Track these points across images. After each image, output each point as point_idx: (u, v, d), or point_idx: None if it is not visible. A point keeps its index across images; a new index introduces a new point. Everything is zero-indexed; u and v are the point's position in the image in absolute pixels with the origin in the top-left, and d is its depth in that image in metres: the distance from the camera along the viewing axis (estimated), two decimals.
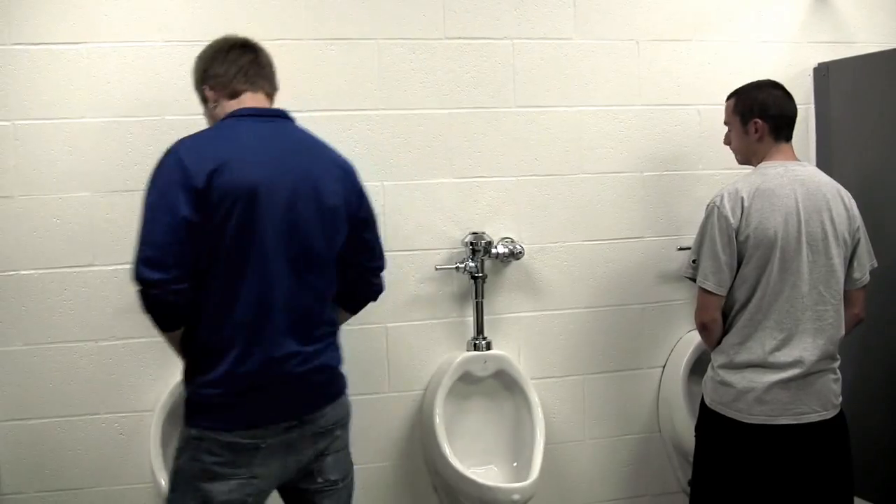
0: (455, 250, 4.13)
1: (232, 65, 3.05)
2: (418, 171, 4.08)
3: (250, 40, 3.15)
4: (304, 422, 2.91)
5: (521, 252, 4.14)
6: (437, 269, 4.10)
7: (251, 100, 3.04)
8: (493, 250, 4.11)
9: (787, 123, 3.56)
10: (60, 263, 3.71)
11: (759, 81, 3.63)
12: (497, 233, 4.16)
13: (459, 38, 4.10)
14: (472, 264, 4.07)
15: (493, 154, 4.16)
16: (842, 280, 3.48)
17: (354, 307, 3.30)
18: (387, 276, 4.00)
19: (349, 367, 3.97)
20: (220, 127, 2.97)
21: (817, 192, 3.46)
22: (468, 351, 4.12)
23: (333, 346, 3.06)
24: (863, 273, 3.57)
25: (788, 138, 3.58)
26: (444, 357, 4.14)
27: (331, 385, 3.03)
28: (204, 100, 3.12)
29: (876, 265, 3.62)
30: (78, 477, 3.83)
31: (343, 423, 3.08)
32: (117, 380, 3.79)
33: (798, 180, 3.47)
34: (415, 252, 4.09)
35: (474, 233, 4.12)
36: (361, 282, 3.21)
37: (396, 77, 4.04)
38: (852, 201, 3.55)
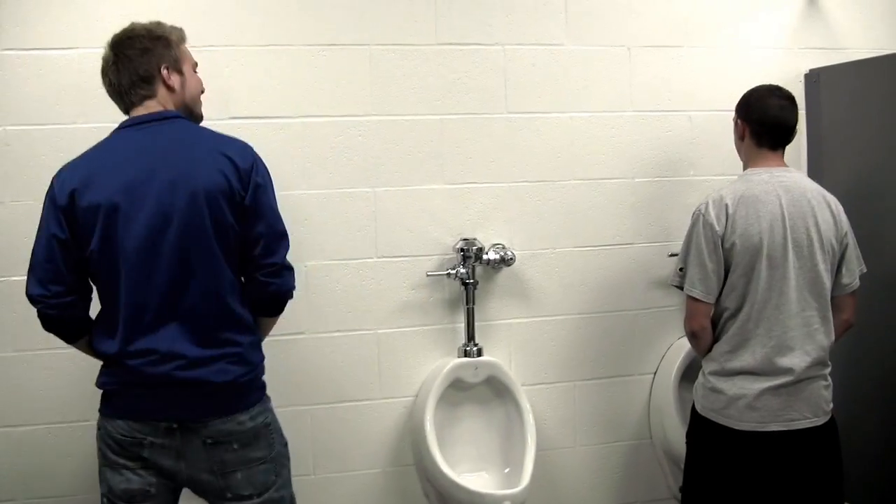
0: (446, 256, 4.13)
1: (112, 84, 3.06)
2: (409, 177, 4.08)
3: (119, 46, 3.06)
4: (187, 428, 2.92)
5: (512, 258, 4.14)
6: (428, 275, 4.09)
7: (140, 109, 3.04)
8: (485, 256, 4.11)
9: (770, 131, 3.54)
10: None
11: (766, 86, 3.61)
12: (488, 239, 4.16)
13: (451, 43, 4.10)
14: (463, 270, 4.06)
15: (485, 160, 4.16)
16: (828, 286, 3.48)
17: (260, 309, 3.11)
18: (378, 282, 4.05)
19: (340, 374, 4.03)
20: (100, 143, 3.04)
21: (802, 199, 3.47)
22: (459, 357, 4.11)
23: (231, 360, 2.96)
24: (852, 279, 3.57)
25: (774, 146, 3.57)
26: (436, 363, 4.14)
27: (217, 400, 2.95)
28: None
29: (865, 270, 3.62)
30: (69, 483, 3.83)
31: (244, 440, 2.99)
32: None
33: (783, 186, 3.48)
34: (406, 258, 4.09)
35: (465, 239, 4.12)
36: (257, 281, 3.03)
37: (388, 83, 4.04)
38: (839, 207, 3.55)
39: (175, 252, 2.86)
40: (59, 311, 2.94)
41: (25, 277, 2.92)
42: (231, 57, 3.84)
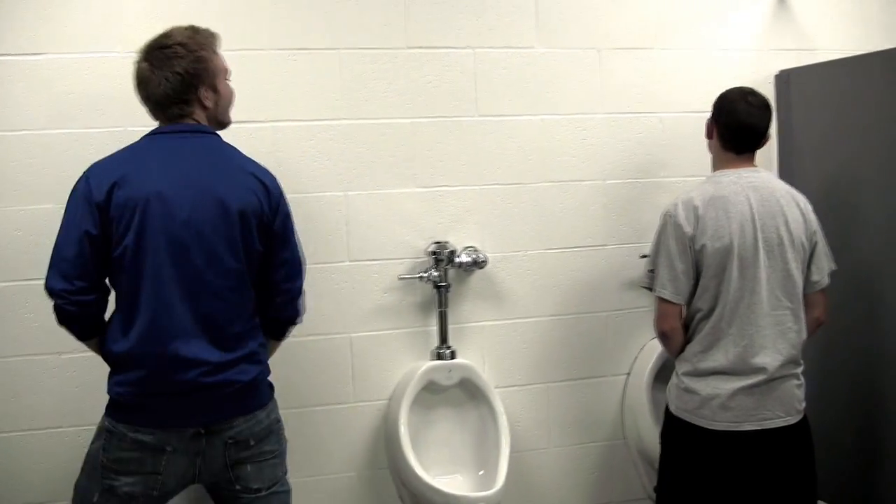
0: (418, 260, 4.13)
1: (150, 92, 3.07)
2: (381, 180, 4.08)
3: (163, 55, 3.07)
4: (212, 431, 2.98)
5: (484, 261, 4.15)
6: (400, 278, 4.09)
7: (174, 117, 3.08)
8: (457, 259, 4.11)
9: (735, 136, 3.57)
10: (23, 276, 3.69)
11: (740, 90, 3.62)
12: (460, 242, 4.17)
13: (421, 47, 4.10)
14: (435, 274, 4.07)
15: (456, 163, 4.17)
16: (799, 284, 3.50)
17: (273, 331, 3.28)
18: (351, 286, 4.05)
19: (313, 378, 4.03)
20: (135, 144, 3.07)
21: (771, 198, 3.49)
22: (432, 360, 4.11)
23: (249, 360, 3.05)
24: (821, 276, 3.59)
25: (739, 151, 3.59)
26: (409, 366, 4.14)
27: (241, 398, 3.03)
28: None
29: (835, 268, 3.65)
30: (43, 491, 3.81)
31: (260, 436, 3.08)
32: (81, 393, 3.76)
33: (751, 186, 3.50)
34: (378, 262, 4.09)
35: (437, 242, 4.12)
36: (274, 303, 3.18)
37: (358, 87, 4.05)
38: (808, 205, 3.58)
39: (202, 260, 2.93)
40: (79, 308, 2.96)
41: (45, 272, 2.95)
42: None
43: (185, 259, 2.91)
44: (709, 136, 3.69)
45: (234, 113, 3.79)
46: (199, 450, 2.97)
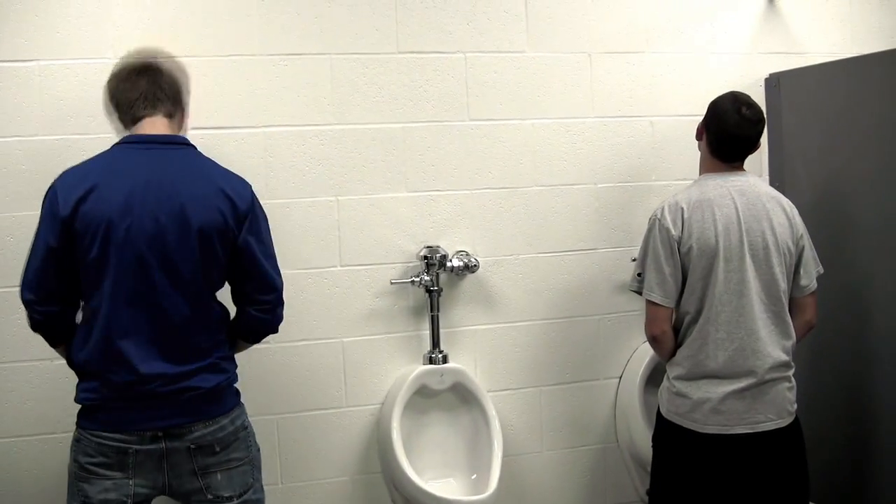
0: (410, 264, 4.13)
1: (133, 90, 3.14)
2: (372, 185, 4.09)
3: (153, 63, 3.22)
4: (172, 435, 3.00)
5: (475, 265, 4.15)
6: (392, 283, 4.10)
7: (148, 125, 3.12)
8: (448, 264, 4.11)
9: (723, 145, 3.59)
10: (14, 282, 3.63)
11: (733, 99, 3.59)
12: (452, 246, 4.17)
13: (412, 52, 4.11)
14: (427, 278, 4.07)
15: (447, 167, 4.17)
16: (783, 288, 3.52)
17: (245, 337, 3.31)
18: (343, 290, 4.05)
19: (306, 383, 4.02)
20: (103, 154, 3.10)
21: (757, 202, 3.51)
22: (424, 364, 4.11)
23: (210, 370, 3.08)
24: (810, 280, 3.61)
25: (725, 160, 3.61)
26: (401, 371, 4.14)
27: (200, 404, 3.05)
28: (113, 121, 3.25)
29: (822, 271, 3.67)
30: (35, 497, 3.80)
31: (226, 442, 3.10)
32: (73, 399, 3.75)
33: (737, 190, 3.52)
34: (370, 266, 4.09)
35: (429, 246, 4.12)
36: (247, 313, 3.22)
37: (349, 92, 4.05)
38: (794, 209, 3.59)
39: (164, 276, 2.96)
40: (45, 318, 3.05)
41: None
42: (192, 67, 3.79)
43: (147, 275, 2.94)
44: (698, 137, 3.70)
45: (226, 118, 3.82)
46: (161, 453, 2.99)
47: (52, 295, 3.01)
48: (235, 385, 3.21)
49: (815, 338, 3.78)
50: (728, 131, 3.54)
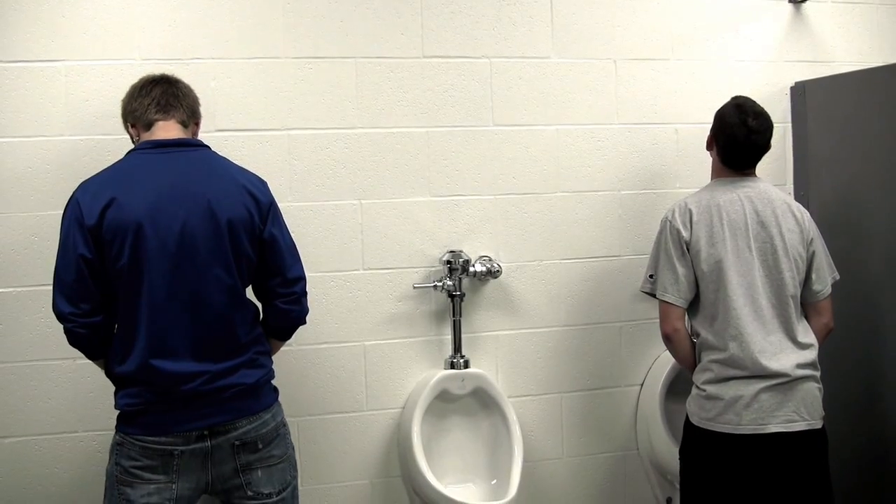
0: (433, 269, 4.13)
1: (147, 97, 3.17)
2: (396, 189, 4.09)
3: (170, 75, 3.27)
4: (217, 433, 3.03)
5: (498, 270, 4.15)
6: (414, 287, 4.10)
7: (162, 130, 3.15)
8: (471, 269, 4.11)
9: (733, 156, 3.63)
10: (38, 281, 3.70)
11: (739, 109, 3.59)
12: (475, 251, 4.17)
13: (437, 56, 4.11)
14: (449, 283, 4.07)
15: (471, 172, 4.17)
16: (793, 292, 3.53)
17: (276, 333, 3.36)
18: (365, 294, 4.05)
19: (327, 386, 4.03)
20: (120, 162, 3.13)
21: (766, 208, 3.55)
22: (446, 369, 4.11)
23: (250, 364, 3.13)
24: (823, 285, 3.62)
25: (739, 168, 3.63)
26: (422, 375, 4.14)
27: (244, 400, 3.10)
28: (131, 137, 3.26)
29: (838, 277, 3.68)
30: (57, 495, 3.81)
31: (268, 439, 3.14)
32: (95, 398, 3.76)
33: (746, 196, 3.57)
34: (392, 270, 4.10)
35: (452, 251, 4.12)
36: (274, 307, 3.26)
37: (374, 96, 4.05)
38: (805, 214, 3.61)
39: (197, 278, 3.00)
40: (89, 330, 3.05)
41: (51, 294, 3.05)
42: (217, 69, 3.85)
43: (183, 275, 2.97)
44: (709, 148, 3.74)
45: (250, 120, 3.83)
46: (206, 452, 3.02)
47: (94, 305, 3.01)
48: (273, 382, 3.26)
49: (833, 345, 3.77)
50: (738, 144, 3.59)
